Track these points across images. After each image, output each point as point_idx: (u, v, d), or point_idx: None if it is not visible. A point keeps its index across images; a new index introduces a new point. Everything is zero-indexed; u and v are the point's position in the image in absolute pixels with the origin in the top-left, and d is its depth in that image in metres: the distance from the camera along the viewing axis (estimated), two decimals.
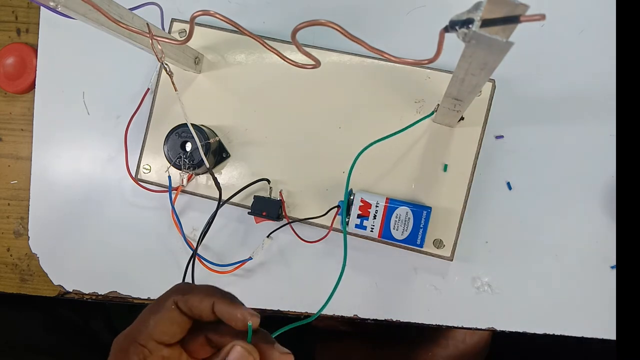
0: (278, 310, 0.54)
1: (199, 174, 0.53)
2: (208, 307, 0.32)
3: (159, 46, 0.41)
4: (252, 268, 0.54)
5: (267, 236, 0.53)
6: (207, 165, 0.50)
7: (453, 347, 0.73)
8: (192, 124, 0.47)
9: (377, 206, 0.48)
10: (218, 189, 0.50)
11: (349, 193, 0.49)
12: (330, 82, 0.52)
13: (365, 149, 0.45)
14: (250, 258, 0.53)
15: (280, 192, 0.52)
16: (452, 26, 0.25)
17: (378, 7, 0.54)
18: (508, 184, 0.51)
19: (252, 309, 0.56)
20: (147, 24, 0.41)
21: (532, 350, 0.71)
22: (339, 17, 0.55)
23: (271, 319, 0.59)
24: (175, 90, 0.45)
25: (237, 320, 0.32)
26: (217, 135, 0.53)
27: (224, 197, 0.51)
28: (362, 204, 0.48)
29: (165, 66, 0.45)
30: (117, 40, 0.40)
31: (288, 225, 0.51)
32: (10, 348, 0.67)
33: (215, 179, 0.50)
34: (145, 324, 0.32)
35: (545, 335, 0.50)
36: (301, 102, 0.53)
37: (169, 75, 0.45)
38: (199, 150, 0.48)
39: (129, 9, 0.40)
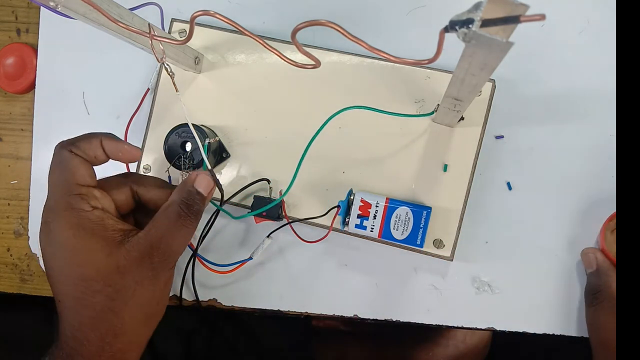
0: (278, 311, 0.54)
1: None
2: (97, 145, 0.39)
3: (160, 46, 0.41)
4: (252, 268, 0.54)
5: (267, 236, 0.53)
6: (208, 166, 0.50)
7: (453, 347, 0.73)
8: (192, 124, 0.47)
9: (377, 206, 0.48)
10: (219, 189, 0.50)
11: (349, 193, 0.49)
12: (330, 82, 0.52)
13: (347, 109, 0.46)
14: (251, 258, 0.52)
15: (280, 192, 0.52)
16: (452, 26, 0.25)
17: (378, 7, 0.54)
18: (508, 184, 0.51)
19: (251, 309, 0.56)
20: (148, 24, 0.41)
21: (532, 350, 0.71)
22: (339, 17, 0.55)
23: (270, 319, 0.59)
24: (177, 91, 0.45)
25: (125, 152, 0.40)
26: (217, 135, 0.53)
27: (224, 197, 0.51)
28: (362, 204, 0.48)
29: (167, 67, 0.45)
30: (117, 40, 0.40)
31: (288, 225, 0.51)
32: (8, 347, 0.66)
33: (215, 179, 0.50)
34: (63, 178, 0.37)
35: (545, 335, 0.50)
36: (301, 102, 0.53)
37: (170, 75, 0.45)
38: (199, 150, 0.48)
39: (129, 9, 0.40)
